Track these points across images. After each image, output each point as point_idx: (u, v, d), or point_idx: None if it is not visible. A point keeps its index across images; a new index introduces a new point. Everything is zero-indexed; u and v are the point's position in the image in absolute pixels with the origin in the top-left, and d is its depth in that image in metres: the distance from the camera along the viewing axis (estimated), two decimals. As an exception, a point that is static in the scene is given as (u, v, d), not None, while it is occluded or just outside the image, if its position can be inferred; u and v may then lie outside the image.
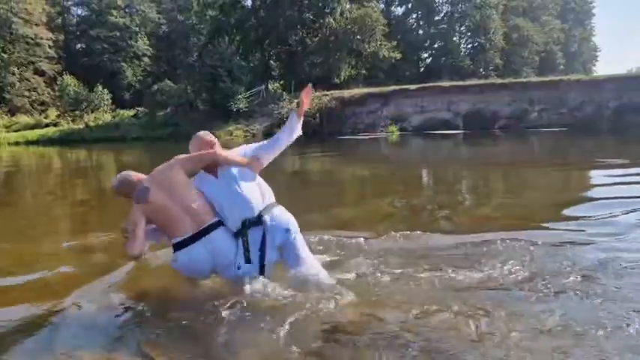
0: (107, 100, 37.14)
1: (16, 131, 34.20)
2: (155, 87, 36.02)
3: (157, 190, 2.88)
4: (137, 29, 48.12)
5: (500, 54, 45.18)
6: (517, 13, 49.19)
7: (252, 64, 36.01)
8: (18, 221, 6.44)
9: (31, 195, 9.59)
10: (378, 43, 36.64)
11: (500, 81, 30.33)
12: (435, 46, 47.31)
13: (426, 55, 49.09)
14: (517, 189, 7.58)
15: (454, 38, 46.62)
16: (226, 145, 3.36)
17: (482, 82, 31.24)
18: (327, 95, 29.82)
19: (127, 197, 2.98)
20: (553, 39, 52.01)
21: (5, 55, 41.01)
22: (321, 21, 35.53)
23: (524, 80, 30.62)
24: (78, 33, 49.27)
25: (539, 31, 48.87)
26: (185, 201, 2.89)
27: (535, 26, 48.86)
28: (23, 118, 36.85)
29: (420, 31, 48.35)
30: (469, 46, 47.72)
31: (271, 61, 37.35)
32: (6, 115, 36.95)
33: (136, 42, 47.72)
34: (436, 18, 47.35)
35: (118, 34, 46.48)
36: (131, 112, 35.70)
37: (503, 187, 8.13)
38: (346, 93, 30.01)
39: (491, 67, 44.35)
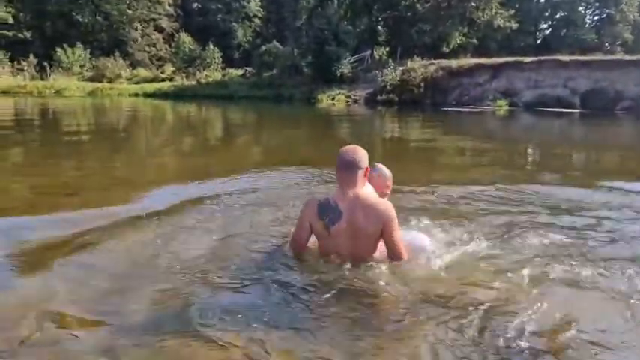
0: (218, 58, 38.75)
1: (136, 83, 36.84)
2: (263, 48, 36.92)
3: None
4: (250, -10, 49.42)
5: (631, 28, 40.93)
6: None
7: (358, 29, 35.60)
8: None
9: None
10: (494, 11, 34.57)
11: (628, 57, 27.45)
12: (557, 16, 43.85)
13: (544, 25, 45.73)
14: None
15: (579, 8, 42.85)
16: (328, 111, 3.46)
17: (607, 57, 28.47)
18: (433, 64, 28.90)
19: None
20: (698, 13, 46.06)
21: (130, 12, 44.09)
22: (434, -14, 34.12)
23: (659, 58, 27.40)
24: (195, -8, 51.49)
25: (682, 4, 43.49)
26: None
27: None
28: (143, 72, 39.51)
29: (541, 0, 44.97)
30: (595, 17, 43.74)
31: (378, 27, 36.64)
32: (128, 67, 39.82)
33: (248, 3, 49.05)
34: (561, -14, 43.76)
35: (232, -7, 48.07)
36: (239, 72, 36.97)
37: None
38: (454, 63, 28.84)
39: (618, 42, 40.40)
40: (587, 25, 42.38)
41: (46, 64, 35.46)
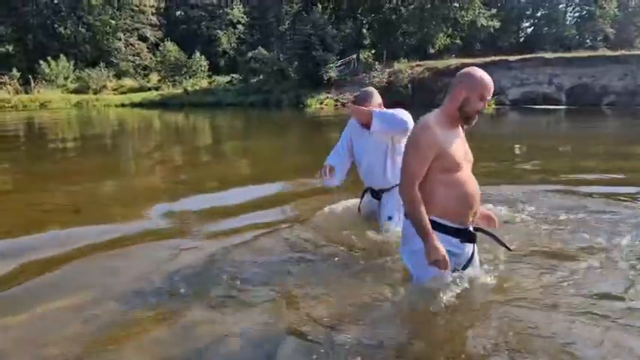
0: (204, 66, 38.59)
1: (122, 93, 36.55)
2: (249, 54, 36.83)
3: None
4: (233, -4, 49.28)
5: (612, 23, 41.42)
6: (637, -23, 44.57)
7: (344, 33, 35.67)
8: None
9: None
10: (477, 11, 34.88)
11: (610, 53, 27.80)
12: (538, 14, 44.26)
13: (527, 24, 46.13)
14: None
15: (560, 5, 43.30)
16: (316, 114, 3.69)
17: (590, 53, 28.80)
18: (419, 65, 29.08)
19: None
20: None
21: (113, 22, 43.74)
22: (417, -12, 34.35)
23: (640, 53, 27.74)
24: (178, 0, 51.23)
25: (662, -1, 44.09)
26: None
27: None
28: (128, 82, 39.22)
29: (522, -1, 45.43)
30: (576, 14, 44.19)
31: (364, 30, 36.75)
32: (114, 78, 39.49)
33: (232, 9, 48.89)
34: (542, -16, 44.15)
35: (215, 1, 47.85)
36: (226, 79, 36.83)
37: None
38: (440, 64, 29.02)
39: (600, 38, 40.82)
40: (568, 22, 42.81)
41: (29, 77, 35.01)
